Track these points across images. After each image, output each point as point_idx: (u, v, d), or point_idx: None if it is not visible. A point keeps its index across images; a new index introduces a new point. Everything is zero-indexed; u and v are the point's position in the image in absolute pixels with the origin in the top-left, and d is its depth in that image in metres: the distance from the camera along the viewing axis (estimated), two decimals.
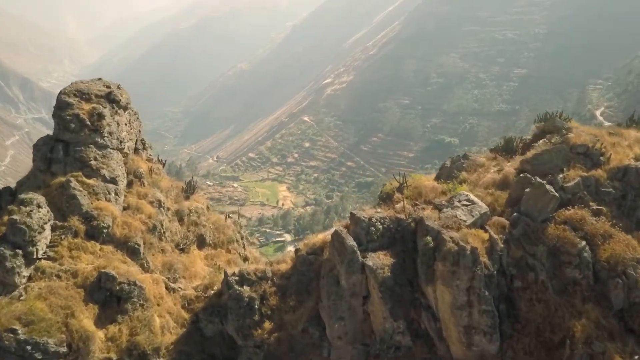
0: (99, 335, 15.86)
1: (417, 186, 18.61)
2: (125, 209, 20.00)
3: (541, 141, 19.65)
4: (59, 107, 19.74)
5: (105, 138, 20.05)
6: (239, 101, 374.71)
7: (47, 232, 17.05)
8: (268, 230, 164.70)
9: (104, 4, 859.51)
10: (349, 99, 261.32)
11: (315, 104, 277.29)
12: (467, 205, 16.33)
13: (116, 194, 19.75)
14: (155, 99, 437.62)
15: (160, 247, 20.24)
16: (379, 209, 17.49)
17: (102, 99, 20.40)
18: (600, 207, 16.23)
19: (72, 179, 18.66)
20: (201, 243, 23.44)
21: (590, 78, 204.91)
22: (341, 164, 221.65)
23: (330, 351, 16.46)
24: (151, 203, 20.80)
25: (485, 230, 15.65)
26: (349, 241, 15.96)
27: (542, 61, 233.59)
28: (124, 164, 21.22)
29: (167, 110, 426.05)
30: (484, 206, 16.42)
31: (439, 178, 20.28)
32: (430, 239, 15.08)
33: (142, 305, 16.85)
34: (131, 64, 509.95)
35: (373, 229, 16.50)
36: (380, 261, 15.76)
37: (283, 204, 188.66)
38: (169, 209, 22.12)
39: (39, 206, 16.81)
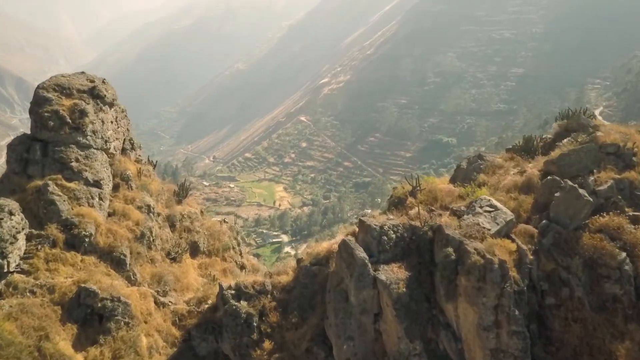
0: None
1: (432, 190, 16.90)
2: (110, 215, 18.20)
3: (565, 140, 18.00)
4: (37, 102, 17.91)
5: (88, 137, 18.24)
6: (236, 101, 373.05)
7: (20, 243, 15.24)
8: (265, 231, 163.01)
9: (99, 3, 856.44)
10: (346, 98, 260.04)
11: (312, 103, 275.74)
12: (489, 212, 14.63)
13: (100, 198, 17.96)
14: (151, 98, 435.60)
15: (149, 256, 18.45)
16: (390, 216, 15.75)
17: (84, 95, 18.58)
18: (637, 212, 14.57)
19: (50, 182, 16.86)
20: (194, 251, 21.67)
21: (588, 77, 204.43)
22: (338, 164, 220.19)
23: None
24: (139, 208, 19.02)
25: (512, 240, 13.94)
26: (359, 252, 14.21)
27: (539, 61, 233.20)
28: (110, 165, 19.43)
29: (163, 110, 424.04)
30: (508, 212, 14.71)
31: (454, 181, 18.58)
32: (451, 250, 13.35)
33: (127, 324, 15.04)
34: (127, 63, 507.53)
35: (385, 238, 14.76)
36: (394, 275, 14.03)
37: (280, 205, 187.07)
38: (159, 215, 20.34)
39: (11, 213, 14.98)
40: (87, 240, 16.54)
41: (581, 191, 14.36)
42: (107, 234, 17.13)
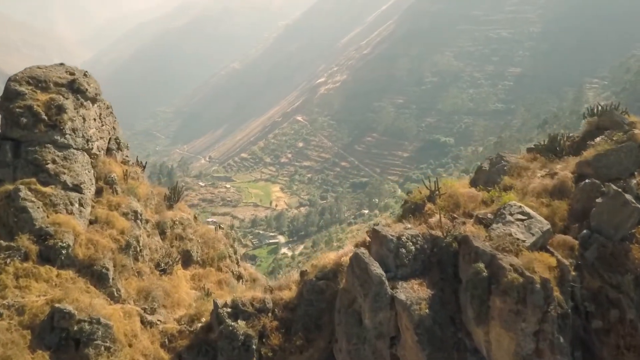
0: None
1: (453, 194, 15.05)
2: (91, 223, 16.26)
3: (599, 139, 16.20)
4: (7, 97, 15.92)
5: (67, 136, 16.30)
6: (232, 101, 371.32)
7: None
8: (261, 232, 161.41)
9: (95, 3, 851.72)
10: (342, 98, 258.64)
11: (309, 103, 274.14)
12: (522, 220, 12.81)
13: (80, 204, 16.03)
14: (146, 98, 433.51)
15: (135, 269, 16.52)
16: (407, 224, 13.89)
17: (63, 88, 16.61)
18: None
19: (22, 186, 14.93)
20: (187, 261, 19.73)
21: (586, 77, 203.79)
22: (335, 164, 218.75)
23: None
24: (125, 215, 17.07)
25: (550, 254, 12.10)
26: (375, 269, 12.34)
27: (537, 60, 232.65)
28: (92, 167, 17.49)
29: (159, 110, 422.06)
30: (544, 221, 12.88)
31: (475, 184, 16.74)
32: (482, 266, 11.51)
33: (108, 349, 13.11)
34: (122, 63, 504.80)
35: (403, 250, 12.91)
36: (414, 294, 12.19)
37: (276, 205, 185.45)
38: (147, 221, 18.41)
39: None
40: (64, 252, 14.59)
41: (627, 196, 12.58)
42: (87, 244, 15.19)
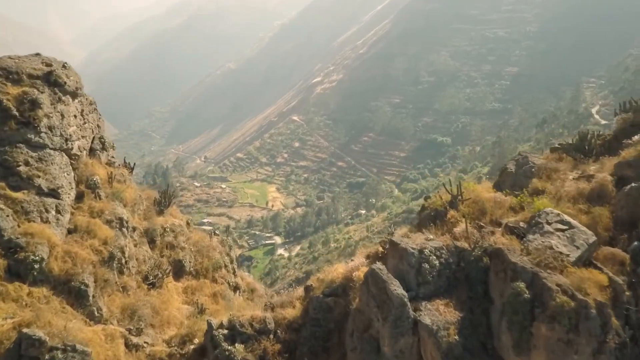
0: None
1: (477, 199, 13.33)
2: (70, 232, 14.45)
3: (637, 137, 14.55)
4: None
5: (43, 134, 14.49)
6: (227, 101, 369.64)
7: None
8: (257, 233, 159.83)
9: (89, 2, 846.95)
10: (339, 98, 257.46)
11: (305, 103, 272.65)
12: (563, 230, 11.11)
13: (58, 211, 14.23)
14: (142, 98, 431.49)
15: (120, 283, 14.72)
16: (429, 234, 12.15)
17: (38, 81, 14.80)
18: None
19: None
20: (179, 271, 17.97)
21: (583, 76, 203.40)
22: (332, 164, 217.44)
23: None
24: (109, 222, 15.28)
25: (599, 270, 10.40)
26: (395, 288, 10.59)
27: (533, 59, 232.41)
28: (72, 169, 15.70)
29: (154, 110, 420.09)
30: (588, 232, 11.16)
31: (499, 187, 15.03)
32: (523, 286, 9.78)
33: None
34: (117, 63, 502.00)
35: (426, 265, 11.18)
36: (441, 317, 10.47)
37: (273, 206, 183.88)
38: (134, 229, 16.62)
39: None
40: (36, 266, 12.76)
41: None
42: (64, 257, 13.38)
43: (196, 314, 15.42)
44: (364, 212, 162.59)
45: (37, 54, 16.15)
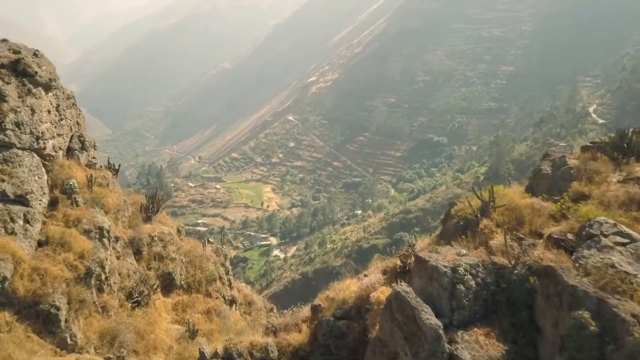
0: None
1: (512, 206, 11.48)
2: (41, 244, 12.50)
3: None
4: None
5: (9, 132, 12.51)
6: (222, 100, 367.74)
7: None
8: (253, 234, 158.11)
9: (83, 1, 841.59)
10: (334, 97, 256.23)
11: (300, 102, 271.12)
12: (623, 244, 9.30)
13: (26, 221, 12.27)
14: (136, 98, 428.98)
15: (99, 303, 12.77)
16: (460, 249, 10.31)
17: (3, 70, 12.82)
18: None
19: None
20: (169, 285, 16.04)
21: (578, 75, 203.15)
22: (327, 164, 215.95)
23: None
24: (87, 232, 13.33)
25: None
26: (427, 317, 8.70)
27: (529, 59, 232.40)
28: (46, 172, 13.77)
29: (148, 110, 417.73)
30: None
31: (533, 191, 13.18)
32: (588, 316, 7.96)
33: None
34: (111, 63, 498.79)
35: (462, 287, 9.34)
36: (482, 351, 8.62)
37: (268, 206, 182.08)
38: (117, 239, 14.68)
39: None
40: None
41: None
42: (32, 275, 11.41)
43: (187, 336, 13.51)
44: (360, 212, 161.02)
45: (4, 39, 14.15)
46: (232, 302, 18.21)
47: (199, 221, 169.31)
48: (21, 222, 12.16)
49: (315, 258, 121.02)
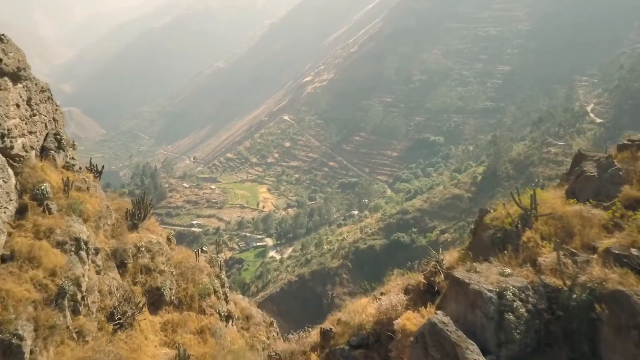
0: None
1: (560, 215, 9.78)
2: (5, 260, 10.63)
3: None
4: None
5: None
6: (216, 100, 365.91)
7: None
8: (248, 235, 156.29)
9: (76, 0, 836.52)
10: (330, 97, 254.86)
11: (296, 102, 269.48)
12: None
13: None
14: (130, 98, 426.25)
15: (74, 328, 10.94)
16: (505, 268, 8.57)
17: None
18: None
19: None
20: (157, 302, 14.25)
21: (575, 75, 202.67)
22: (323, 164, 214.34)
23: None
24: (61, 245, 11.52)
25: None
26: (474, 358, 7.00)
27: (525, 58, 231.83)
28: (14, 175, 11.96)
29: (143, 110, 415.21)
30: None
31: (575, 196, 11.49)
32: None
33: None
34: (105, 63, 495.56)
35: (511, 316, 7.63)
36: None
37: (264, 207, 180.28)
38: (97, 251, 12.85)
39: None
40: None
41: None
42: None
43: None
44: (356, 212, 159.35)
45: None
46: (228, 317, 16.45)
47: (194, 222, 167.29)
48: None
49: (311, 259, 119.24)
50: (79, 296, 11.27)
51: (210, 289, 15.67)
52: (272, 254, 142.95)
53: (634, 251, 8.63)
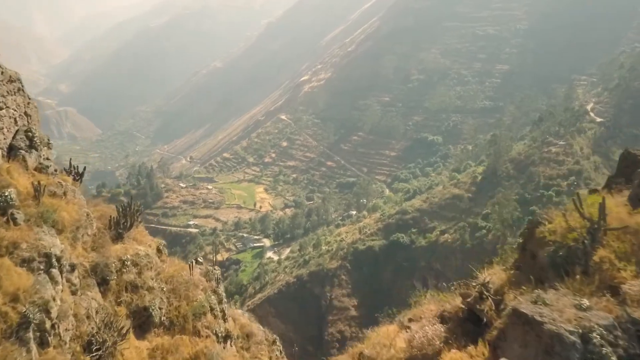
0: None
1: (632, 228, 7.98)
2: None
3: None
4: None
5: None
6: (213, 100, 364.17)
7: None
8: (245, 235, 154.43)
9: (73, 0, 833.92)
10: (327, 96, 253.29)
11: (293, 101, 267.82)
12: None
13: None
14: (126, 98, 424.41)
15: None
16: (582, 299, 6.76)
17: None
18: None
19: None
20: (145, 324, 12.36)
21: (574, 74, 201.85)
22: (321, 163, 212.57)
23: None
24: (27, 262, 9.62)
25: None
26: None
27: (524, 57, 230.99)
28: None
29: (139, 109, 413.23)
30: None
31: (637, 202, 9.70)
32: None
33: None
34: (102, 63, 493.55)
35: None
36: None
37: (261, 207, 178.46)
38: (73, 268, 10.95)
39: None
40: None
41: None
42: None
43: None
44: (355, 212, 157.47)
45: None
46: (226, 337, 14.60)
47: (191, 222, 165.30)
48: None
49: (310, 260, 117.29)
50: (47, 324, 9.36)
51: (206, 307, 13.78)
52: (269, 254, 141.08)
53: None
